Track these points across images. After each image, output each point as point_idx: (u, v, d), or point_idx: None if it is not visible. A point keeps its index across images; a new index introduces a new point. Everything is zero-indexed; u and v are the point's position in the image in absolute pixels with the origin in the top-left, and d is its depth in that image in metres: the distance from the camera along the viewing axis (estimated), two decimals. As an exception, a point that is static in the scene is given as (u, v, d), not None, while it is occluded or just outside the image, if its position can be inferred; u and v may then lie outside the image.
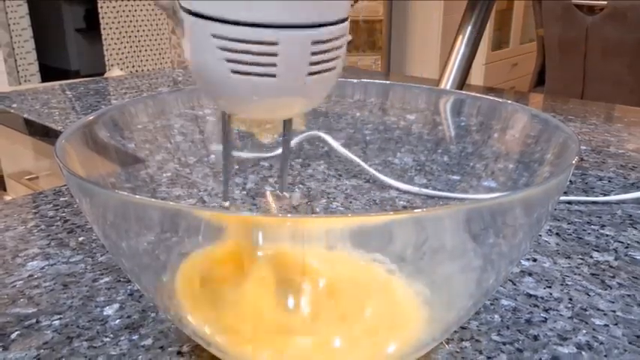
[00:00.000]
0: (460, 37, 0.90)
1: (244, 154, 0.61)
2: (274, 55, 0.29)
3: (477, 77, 2.84)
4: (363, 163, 0.58)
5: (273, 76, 0.29)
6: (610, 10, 1.82)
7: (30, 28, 3.19)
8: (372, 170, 0.57)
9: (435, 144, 0.52)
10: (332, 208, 0.55)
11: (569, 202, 0.58)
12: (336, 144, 0.59)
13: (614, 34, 1.81)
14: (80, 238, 0.51)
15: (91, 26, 4.04)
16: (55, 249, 0.50)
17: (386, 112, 0.55)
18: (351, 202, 0.56)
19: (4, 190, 1.19)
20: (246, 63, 0.29)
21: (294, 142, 0.62)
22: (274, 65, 0.29)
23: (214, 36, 0.29)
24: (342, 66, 0.32)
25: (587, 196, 0.60)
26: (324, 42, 0.30)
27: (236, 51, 0.29)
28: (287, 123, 0.37)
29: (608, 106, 1.01)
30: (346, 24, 0.31)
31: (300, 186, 0.59)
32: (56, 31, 4.44)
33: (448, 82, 0.90)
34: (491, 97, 0.46)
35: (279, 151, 0.39)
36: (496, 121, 0.46)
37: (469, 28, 0.89)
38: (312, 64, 0.30)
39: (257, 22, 0.28)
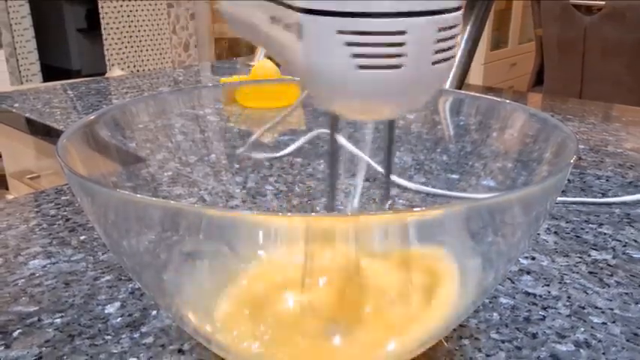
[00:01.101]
0: (459, 37, 0.90)
1: (259, 155, 0.61)
2: (402, 44, 0.28)
3: (475, 77, 2.84)
4: (372, 162, 0.58)
5: (400, 66, 0.28)
6: (608, 10, 1.82)
7: (32, 28, 3.19)
8: (380, 168, 0.57)
9: (434, 143, 0.52)
10: (336, 207, 0.55)
11: (572, 202, 0.59)
12: (346, 143, 0.59)
13: (613, 34, 1.81)
14: (82, 237, 0.52)
15: (92, 26, 4.04)
16: (56, 247, 0.50)
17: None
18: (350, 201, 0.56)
19: (6, 189, 1.19)
20: (374, 56, 0.28)
21: (301, 141, 0.63)
22: (402, 55, 0.28)
23: (340, 32, 0.28)
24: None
25: (586, 195, 0.60)
26: (448, 28, 0.29)
27: (363, 44, 0.28)
28: (390, 124, 0.36)
29: (607, 105, 1.01)
30: (461, 12, 0.30)
31: (300, 185, 0.60)
32: (57, 31, 4.44)
33: (447, 81, 0.90)
34: (490, 97, 0.46)
35: (287, 150, 0.38)
36: (495, 120, 0.47)
37: (468, 28, 0.89)
38: (437, 52, 0.29)
39: (384, 12, 0.27)
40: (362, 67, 0.28)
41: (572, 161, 0.31)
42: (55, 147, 0.33)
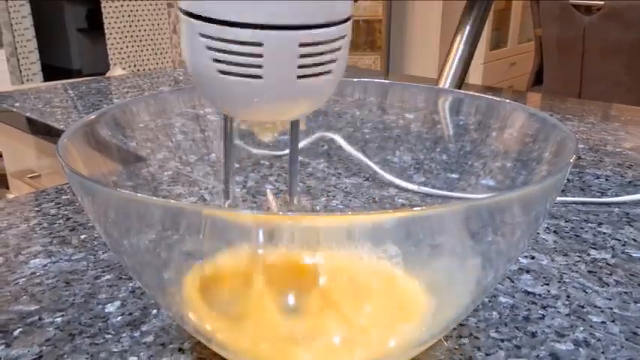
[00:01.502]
0: (459, 36, 0.90)
1: (255, 150, 0.61)
2: (260, 56, 0.28)
3: (475, 76, 2.85)
4: (371, 164, 0.58)
5: (260, 77, 0.29)
6: (607, 10, 1.82)
7: (32, 27, 3.20)
8: (379, 169, 0.57)
9: (434, 143, 0.52)
10: (332, 206, 0.55)
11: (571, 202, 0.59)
12: (346, 145, 0.59)
13: (612, 34, 1.81)
14: (82, 236, 0.52)
15: (93, 26, 4.05)
16: (57, 247, 0.50)
17: (385, 111, 0.55)
18: (350, 200, 0.56)
19: (7, 188, 1.19)
20: (233, 63, 0.29)
21: (303, 143, 0.63)
22: (260, 67, 0.28)
23: (202, 35, 0.28)
24: (343, 69, 0.32)
25: (585, 194, 0.60)
26: (313, 44, 0.29)
27: (223, 51, 0.28)
28: (293, 125, 0.36)
29: (606, 105, 1.01)
30: (345, 26, 0.30)
31: (301, 184, 0.60)
32: (58, 30, 4.45)
33: (447, 81, 0.90)
34: (489, 96, 0.46)
35: (286, 150, 0.38)
36: (494, 120, 0.47)
37: (467, 27, 0.89)
38: (302, 66, 0.29)
39: (242, 22, 0.28)
40: (222, 72, 0.29)
41: (571, 161, 0.32)
42: (56, 146, 0.33)
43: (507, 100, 0.45)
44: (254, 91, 0.29)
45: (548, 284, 0.44)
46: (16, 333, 0.39)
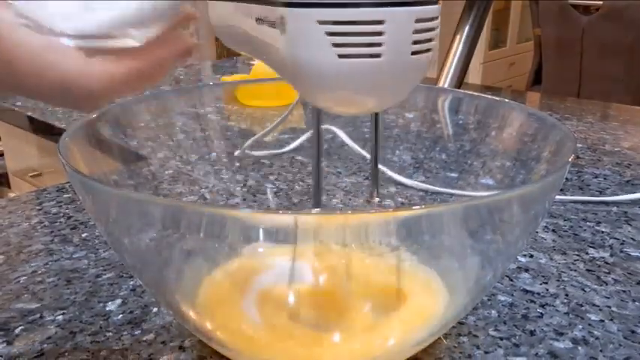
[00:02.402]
0: (458, 36, 0.90)
1: (259, 153, 0.62)
2: (380, 34, 0.29)
3: (474, 76, 2.84)
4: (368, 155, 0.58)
5: (379, 56, 0.29)
6: (606, 10, 1.82)
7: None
8: (383, 167, 0.57)
9: (434, 142, 0.53)
10: (332, 205, 0.56)
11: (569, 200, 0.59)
12: (347, 139, 0.59)
13: (610, 34, 1.81)
14: (83, 235, 0.52)
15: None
16: (58, 245, 0.50)
17: (385, 111, 0.55)
18: (350, 199, 0.57)
19: (8, 187, 1.19)
20: (353, 45, 0.29)
21: (303, 138, 0.63)
22: (380, 45, 0.29)
23: (320, 22, 0.28)
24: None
25: (584, 193, 0.60)
26: (426, 20, 0.30)
27: (343, 34, 0.28)
28: (374, 117, 0.37)
29: (604, 104, 1.02)
30: (439, 6, 0.31)
31: (301, 183, 0.60)
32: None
33: (446, 80, 0.90)
34: (488, 96, 0.46)
35: (288, 148, 0.38)
36: (493, 119, 0.47)
37: (467, 27, 0.89)
38: (416, 42, 0.30)
39: (363, 2, 0.28)
40: (342, 56, 0.29)
41: (570, 160, 0.32)
42: (57, 145, 0.33)
43: (506, 100, 0.45)
44: (374, 70, 0.30)
45: (546, 283, 0.44)
46: (17, 331, 0.39)
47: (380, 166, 0.57)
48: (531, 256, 0.48)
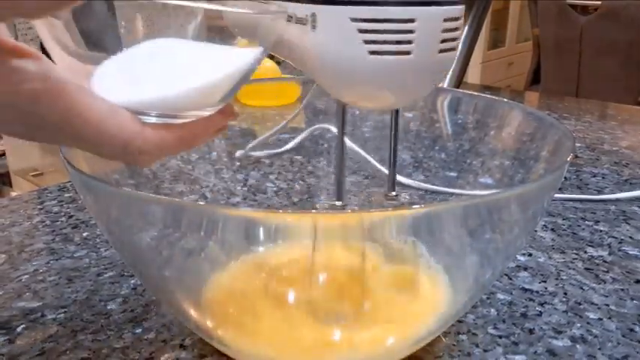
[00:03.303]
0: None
1: (258, 153, 0.62)
2: (411, 32, 0.29)
3: (473, 76, 2.84)
4: (370, 159, 0.58)
5: (409, 53, 0.30)
6: (604, 10, 1.83)
7: (35, 27, 3.19)
8: (380, 166, 0.58)
9: (433, 141, 0.53)
10: (331, 204, 0.56)
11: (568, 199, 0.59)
12: (347, 138, 0.59)
13: (608, 34, 1.82)
14: (84, 234, 0.52)
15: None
16: (59, 244, 0.50)
17: (384, 110, 0.55)
18: (350, 198, 0.57)
19: (10, 186, 1.19)
20: (384, 42, 0.30)
21: (303, 135, 0.63)
22: (410, 42, 0.30)
23: (353, 19, 0.29)
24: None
25: (582, 192, 0.61)
26: (453, 20, 0.31)
27: (375, 31, 0.29)
28: (395, 114, 0.38)
29: (602, 104, 1.02)
30: (463, 6, 0.32)
31: (301, 182, 0.60)
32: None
33: (445, 80, 0.91)
34: (487, 96, 0.47)
35: (287, 147, 0.38)
36: (492, 118, 0.47)
37: (466, 27, 0.89)
38: (443, 41, 0.31)
39: (395, 1, 0.29)
40: (373, 52, 0.30)
41: (568, 159, 0.32)
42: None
43: (505, 100, 0.45)
44: (403, 67, 0.31)
45: (545, 281, 0.45)
46: (19, 329, 0.39)
47: (379, 166, 0.57)
48: (530, 254, 0.49)
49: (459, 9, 0.31)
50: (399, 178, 0.56)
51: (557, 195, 0.59)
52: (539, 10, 2.05)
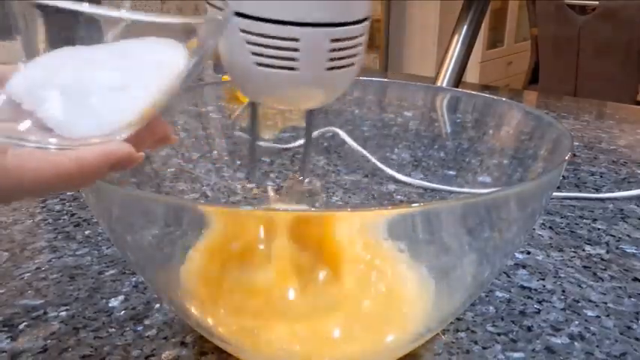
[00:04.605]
0: (456, 36, 0.91)
1: (265, 144, 0.63)
2: (295, 50, 0.31)
3: (472, 75, 2.85)
4: (371, 157, 0.58)
5: (294, 69, 0.32)
6: (602, 10, 1.83)
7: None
8: (383, 166, 0.58)
9: (432, 140, 0.53)
10: (332, 202, 0.56)
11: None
12: (347, 138, 0.60)
13: (606, 34, 1.82)
14: (86, 232, 0.52)
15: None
16: (61, 242, 0.50)
17: (384, 109, 0.56)
18: (350, 197, 0.57)
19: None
20: (269, 56, 0.31)
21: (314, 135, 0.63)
22: (295, 59, 0.31)
23: (242, 31, 0.31)
24: (361, 63, 0.35)
25: (580, 191, 0.61)
26: (342, 40, 0.32)
27: (260, 45, 0.31)
28: (308, 113, 0.39)
29: (600, 103, 1.02)
30: (365, 24, 0.33)
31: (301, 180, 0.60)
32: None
33: (444, 79, 0.91)
34: (486, 95, 0.47)
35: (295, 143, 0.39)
36: (491, 117, 0.47)
37: (465, 27, 0.90)
38: (331, 59, 0.32)
39: (280, 20, 0.30)
40: (259, 64, 0.32)
41: (566, 158, 0.32)
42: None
43: (504, 99, 0.45)
44: (288, 81, 0.32)
45: (543, 279, 0.45)
46: (21, 327, 0.39)
47: (379, 164, 0.57)
48: (528, 252, 0.49)
49: (352, 29, 0.32)
50: (399, 176, 0.56)
51: (555, 193, 0.59)
52: (537, 9, 2.05)
